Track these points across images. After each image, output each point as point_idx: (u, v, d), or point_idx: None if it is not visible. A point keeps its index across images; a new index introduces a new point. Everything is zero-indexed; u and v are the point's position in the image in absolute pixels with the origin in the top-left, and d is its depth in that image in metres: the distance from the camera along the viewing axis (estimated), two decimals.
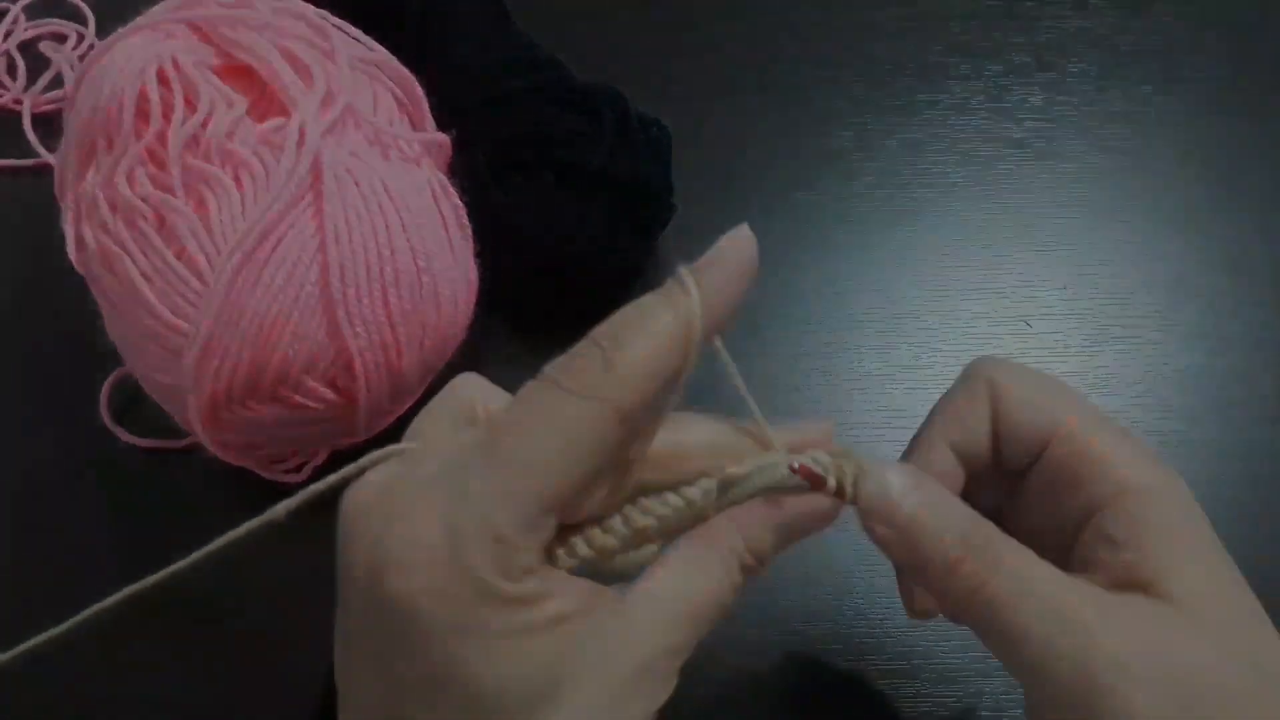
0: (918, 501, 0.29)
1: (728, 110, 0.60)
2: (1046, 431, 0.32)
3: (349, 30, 0.46)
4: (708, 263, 0.28)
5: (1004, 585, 0.28)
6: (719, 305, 0.28)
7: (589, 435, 0.25)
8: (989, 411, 0.33)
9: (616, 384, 0.26)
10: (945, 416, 0.34)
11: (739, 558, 0.29)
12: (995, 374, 0.33)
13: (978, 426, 0.33)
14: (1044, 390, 0.33)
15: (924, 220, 0.56)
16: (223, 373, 0.40)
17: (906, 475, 0.30)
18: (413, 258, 0.42)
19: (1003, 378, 0.33)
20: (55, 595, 0.46)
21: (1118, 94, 0.60)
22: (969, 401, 0.34)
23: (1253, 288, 0.54)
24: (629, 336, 0.26)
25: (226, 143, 0.41)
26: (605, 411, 0.25)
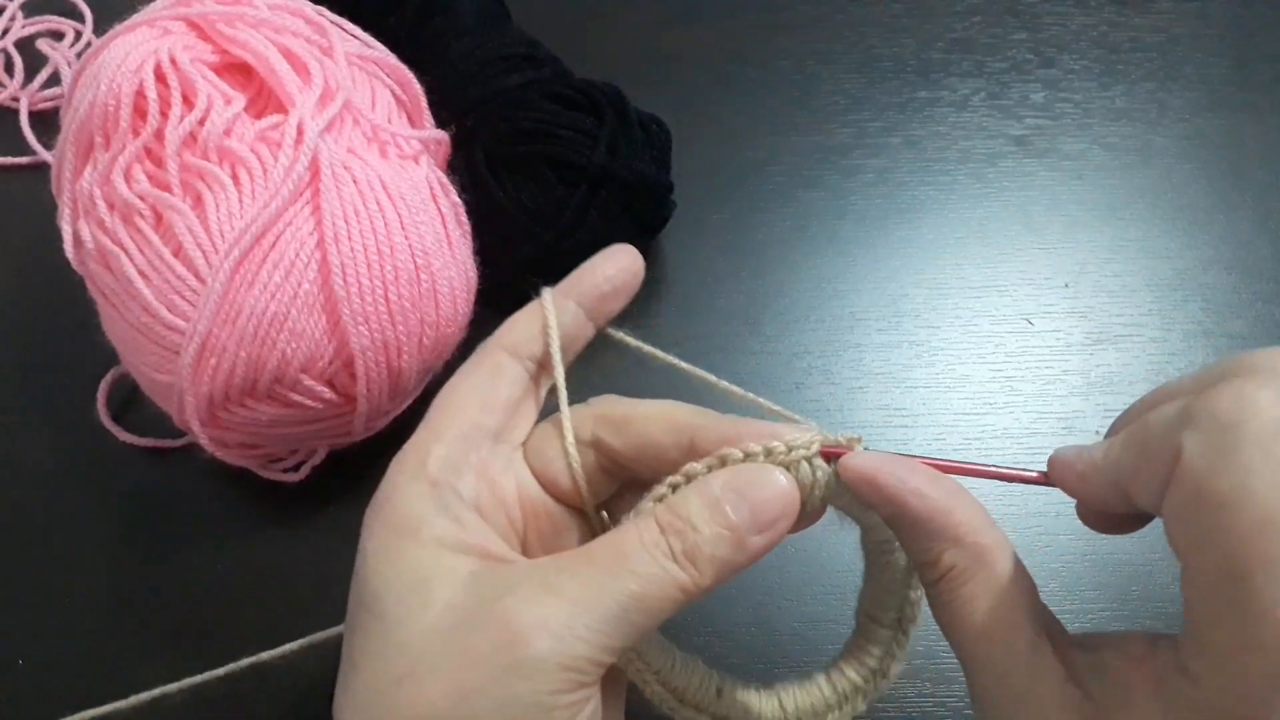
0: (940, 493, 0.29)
1: (727, 108, 0.60)
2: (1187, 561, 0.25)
3: (347, 27, 0.46)
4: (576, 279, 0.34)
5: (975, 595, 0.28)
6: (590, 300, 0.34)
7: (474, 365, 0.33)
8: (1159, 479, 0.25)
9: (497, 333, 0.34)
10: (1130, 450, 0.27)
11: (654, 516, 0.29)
12: (1190, 446, 0.24)
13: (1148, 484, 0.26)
14: (1216, 518, 0.23)
15: (925, 218, 0.56)
16: (220, 371, 0.39)
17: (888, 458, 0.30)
18: (411, 255, 0.41)
19: (1191, 456, 0.24)
20: (53, 592, 0.46)
21: (1119, 91, 0.60)
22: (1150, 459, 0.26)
23: (1255, 285, 0.54)
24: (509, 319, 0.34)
25: (224, 140, 0.40)
26: (489, 347, 0.33)
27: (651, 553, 0.28)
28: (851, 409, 0.50)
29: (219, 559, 0.46)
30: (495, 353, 0.33)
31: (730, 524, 0.29)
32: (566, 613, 0.27)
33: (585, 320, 0.34)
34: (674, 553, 0.28)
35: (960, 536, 0.29)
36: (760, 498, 0.29)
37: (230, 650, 0.44)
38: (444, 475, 0.30)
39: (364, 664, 0.28)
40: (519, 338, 0.33)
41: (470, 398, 0.32)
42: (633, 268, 0.34)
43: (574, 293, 0.34)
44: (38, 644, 0.45)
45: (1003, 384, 0.51)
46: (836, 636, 0.44)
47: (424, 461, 0.31)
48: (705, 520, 0.29)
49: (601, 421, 0.33)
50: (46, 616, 0.46)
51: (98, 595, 0.46)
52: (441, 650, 0.27)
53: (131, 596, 0.46)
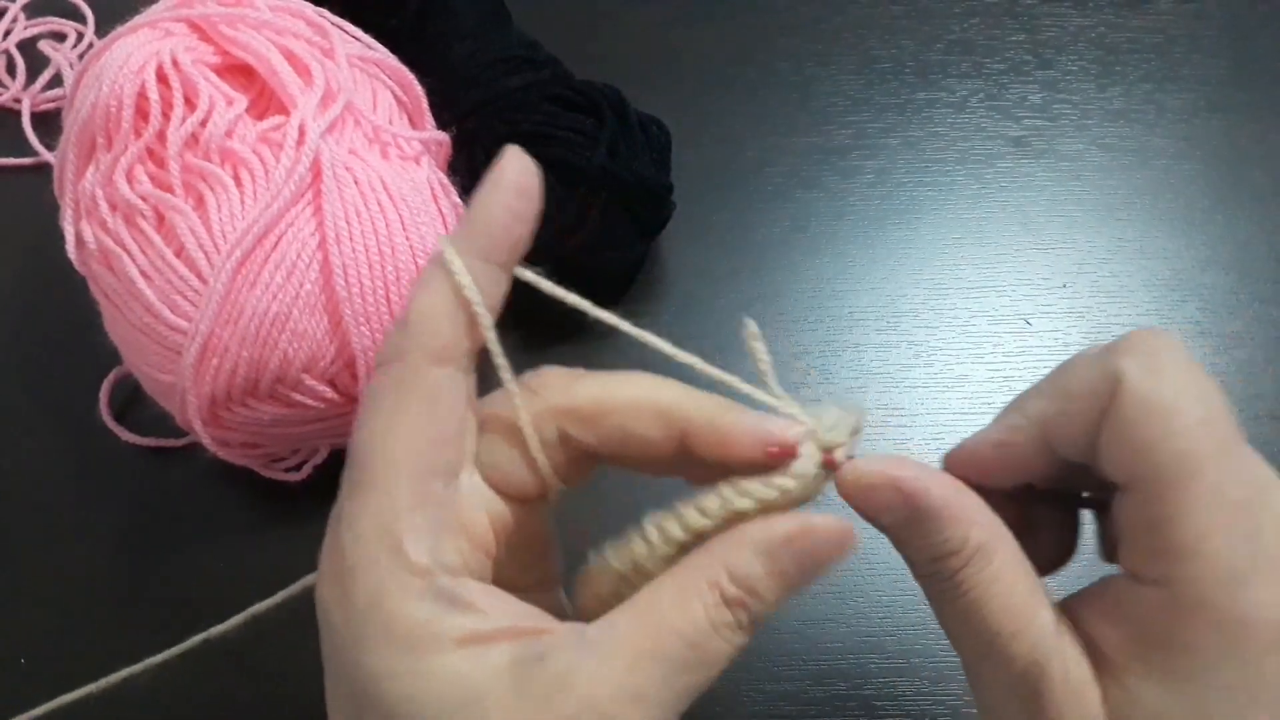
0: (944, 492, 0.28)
1: (727, 109, 0.60)
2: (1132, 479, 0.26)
3: (348, 29, 0.46)
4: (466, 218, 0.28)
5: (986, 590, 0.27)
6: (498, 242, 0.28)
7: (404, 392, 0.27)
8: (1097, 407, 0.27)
9: (412, 335, 0.27)
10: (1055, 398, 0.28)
11: (718, 587, 0.26)
12: (1129, 371, 0.26)
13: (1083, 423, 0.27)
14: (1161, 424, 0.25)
15: (923, 218, 0.56)
16: (222, 371, 0.40)
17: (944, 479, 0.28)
18: (413, 256, 0.42)
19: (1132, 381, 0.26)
20: (55, 591, 0.46)
21: (1117, 92, 0.60)
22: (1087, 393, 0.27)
23: (1252, 285, 0.54)
24: (411, 301, 0.28)
25: (226, 141, 0.41)
26: (413, 362, 0.27)
27: (721, 634, 0.26)
28: None
29: (221, 558, 0.47)
30: (423, 372, 0.27)
31: (793, 586, 0.27)
32: (657, 715, 0.25)
33: (500, 276, 0.28)
34: (741, 625, 0.26)
35: (975, 517, 0.28)
36: (824, 558, 0.27)
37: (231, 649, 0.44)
38: (430, 556, 0.26)
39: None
40: (444, 339, 0.27)
41: (417, 442, 0.26)
42: (528, 181, 0.28)
43: (478, 245, 0.28)
44: (40, 643, 0.45)
45: (1000, 384, 0.51)
46: (836, 636, 0.44)
47: (398, 545, 0.25)
48: (771, 588, 0.26)
49: (566, 416, 0.28)
50: (48, 615, 0.46)
51: (100, 594, 0.46)
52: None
53: (134, 595, 0.46)
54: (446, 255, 0.27)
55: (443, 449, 0.27)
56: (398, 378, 0.27)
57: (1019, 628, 0.27)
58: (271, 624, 0.35)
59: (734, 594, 0.26)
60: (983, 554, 0.27)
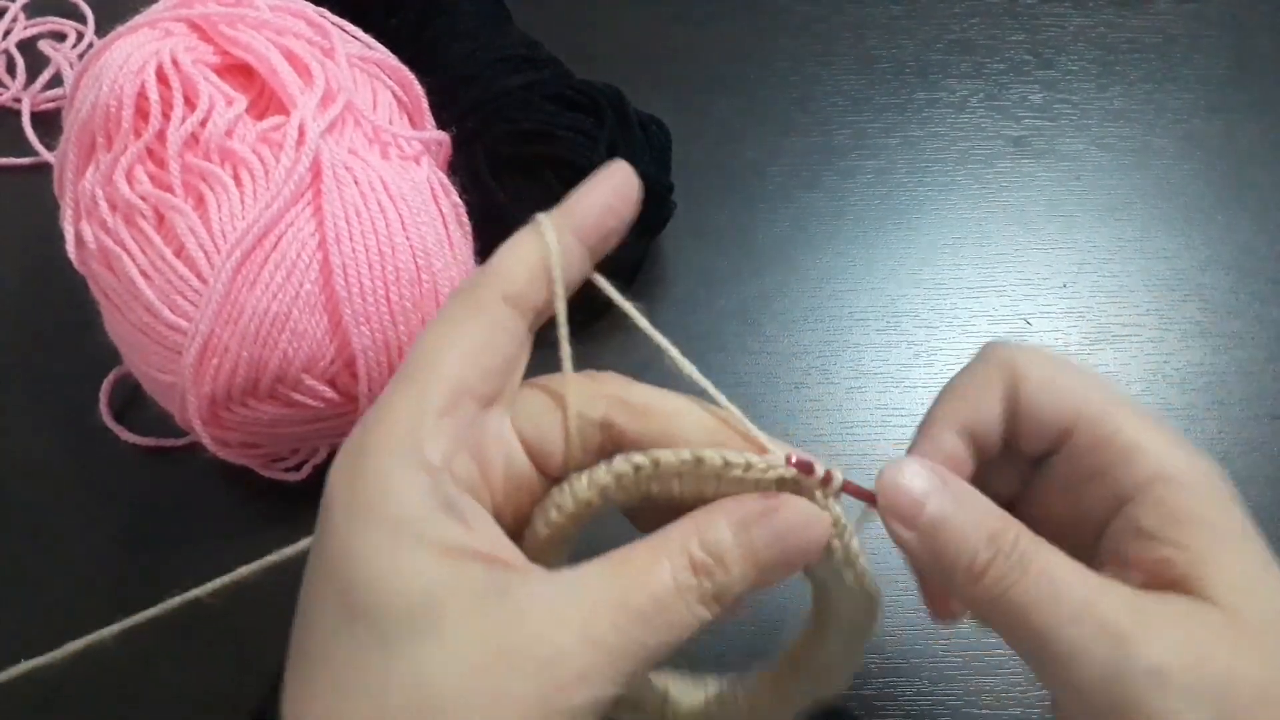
0: (941, 502, 0.28)
1: (727, 109, 0.60)
2: (1070, 417, 0.30)
3: (348, 28, 0.46)
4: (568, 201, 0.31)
5: (1033, 589, 0.27)
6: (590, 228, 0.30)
7: (471, 315, 0.29)
8: (1003, 395, 0.31)
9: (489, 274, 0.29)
10: (956, 399, 0.32)
11: (688, 552, 0.26)
12: (1013, 357, 0.31)
13: (990, 411, 0.31)
14: (1066, 374, 0.31)
15: (923, 218, 0.56)
16: (222, 371, 0.40)
17: (929, 473, 0.29)
18: (413, 256, 0.42)
19: (1022, 361, 0.31)
20: (55, 591, 0.46)
21: (1117, 91, 0.60)
22: (983, 384, 0.31)
23: (1253, 285, 0.54)
24: (497, 251, 0.30)
25: (226, 141, 0.40)
26: (487, 295, 0.29)
27: (686, 598, 0.26)
28: (850, 408, 0.50)
29: (221, 558, 0.46)
30: (495, 303, 0.29)
31: (761, 566, 0.27)
32: (606, 666, 0.25)
33: (586, 259, 0.30)
34: (705, 596, 0.26)
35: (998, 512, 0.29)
36: (796, 545, 0.28)
37: (232, 649, 0.44)
38: (443, 460, 0.27)
39: (360, 689, 0.25)
40: (520, 286, 0.29)
41: (466, 358, 0.28)
42: (629, 188, 0.31)
43: (573, 222, 0.30)
44: (40, 642, 0.45)
45: None
46: None
47: (419, 443, 0.27)
48: (738, 560, 0.27)
49: (617, 405, 0.29)
50: (48, 615, 0.46)
51: (100, 594, 0.46)
52: (473, 688, 0.24)
53: (134, 595, 0.46)
54: (541, 221, 0.30)
55: (487, 376, 0.28)
56: (468, 300, 0.29)
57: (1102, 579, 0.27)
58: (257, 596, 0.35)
59: (702, 559, 0.26)
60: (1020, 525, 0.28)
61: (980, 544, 0.28)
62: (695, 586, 0.26)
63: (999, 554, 0.27)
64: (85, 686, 0.43)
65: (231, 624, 0.41)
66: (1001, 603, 0.27)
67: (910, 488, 0.28)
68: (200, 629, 0.40)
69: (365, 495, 0.26)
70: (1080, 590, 0.27)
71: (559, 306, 0.29)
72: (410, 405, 0.27)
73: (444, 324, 0.29)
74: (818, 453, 0.32)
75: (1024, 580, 0.27)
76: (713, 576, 0.26)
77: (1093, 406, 0.30)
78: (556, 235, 0.29)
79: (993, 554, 0.28)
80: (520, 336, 0.29)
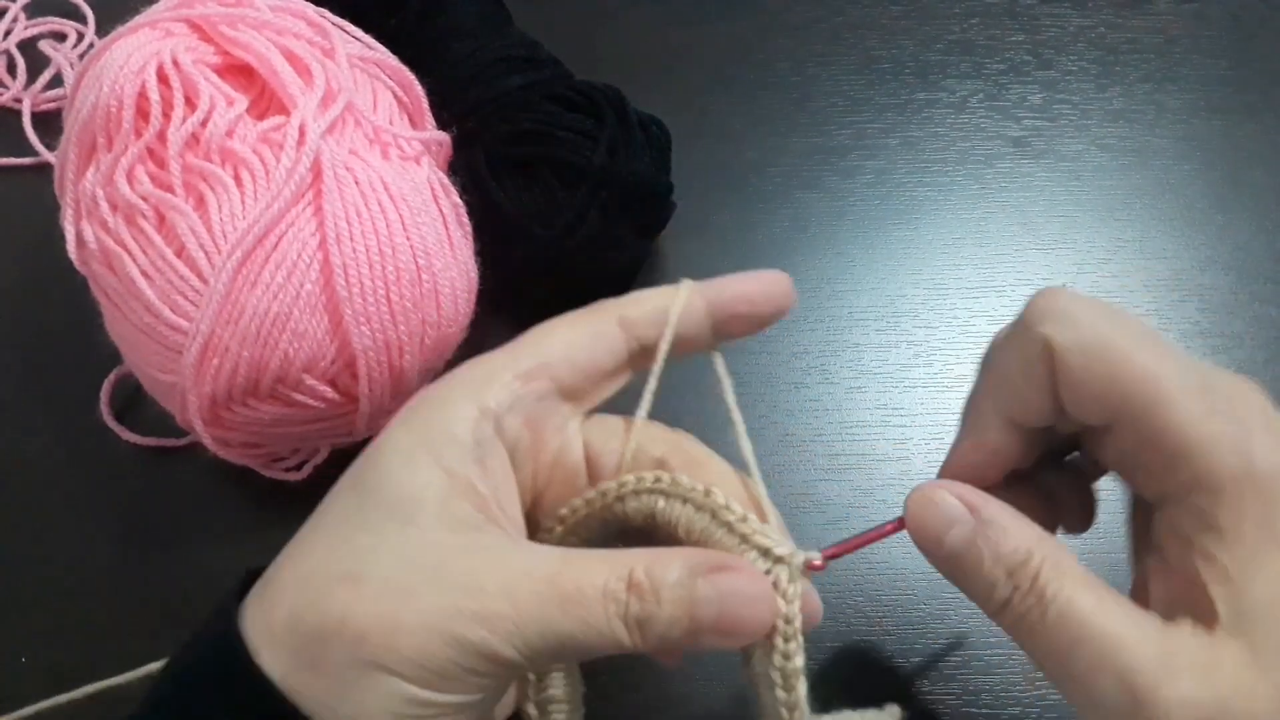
0: (961, 535, 0.29)
1: (727, 109, 0.60)
2: (1111, 411, 0.28)
3: (348, 29, 0.47)
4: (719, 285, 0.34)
5: (1051, 634, 0.27)
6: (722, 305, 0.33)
7: (583, 318, 0.32)
8: (1047, 379, 0.29)
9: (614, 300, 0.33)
10: (1000, 385, 0.31)
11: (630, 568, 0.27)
12: (1053, 333, 0.29)
13: (1036, 401, 0.30)
14: (1107, 359, 0.28)
15: (923, 219, 0.56)
16: (222, 371, 0.40)
17: (953, 503, 0.29)
18: (413, 256, 0.42)
19: (1060, 338, 0.29)
20: (55, 590, 0.46)
21: (1117, 92, 0.60)
22: (1024, 369, 0.30)
23: (1252, 285, 0.54)
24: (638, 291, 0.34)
25: (226, 141, 0.41)
26: (605, 311, 0.32)
27: (605, 605, 0.27)
28: (850, 408, 0.50)
29: (222, 558, 0.47)
30: (607, 318, 0.32)
31: (695, 620, 0.28)
32: (512, 621, 0.27)
33: (708, 328, 0.33)
34: (627, 614, 0.27)
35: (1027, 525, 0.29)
36: (735, 614, 0.28)
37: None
38: (497, 408, 0.30)
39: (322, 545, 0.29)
40: (638, 314, 0.32)
41: (561, 347, 0.31)
42: (779, 297, 0.33)
43: (711, 295, 0.33)
44: (40, 642, 0.45)
45: None
46: (835, 635, 0.44)
47: (489, 385, 0.30)
48: (673, 601, 0.27)
49: (677, 450, 0.32)
50: (49, 615, 0.46)
51: (100, 594, 0.46)
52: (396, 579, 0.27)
53: (134, 595, 0.46)
54: (684, 282, 0.33)
55: (575, 370, 0.32)
56: (590, 310, 0.33)
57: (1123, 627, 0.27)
58: None
59: (639, 579, 0.27)
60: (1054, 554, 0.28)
61: (999, 579, 0.28)
62: (621, 601, 0.27)
63: (1016, 591, 0.28)
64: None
65: None
66: (1023, 640, 0.28)
67: (931, 518, 0.29)
68: None
69: (423, 408, 0.31)
70: (1100, 636, 0.27)
71: (662, 348, 0.32)
72: (500, 361, 0.31)
73: (562, 320, 0.33)
74: (817, 452, 0.33)
75: (1043, 623, 0.27)
76: (642, 601, 0.27)
77: (1136, 404, 0.28)
78: (689, 296, 0.33)
79: (1010, 591, 0.28)
80: (619, 355, 0.32)
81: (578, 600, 0.27)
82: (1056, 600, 0.27)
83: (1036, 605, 0.27)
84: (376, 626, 0.27)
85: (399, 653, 0.26)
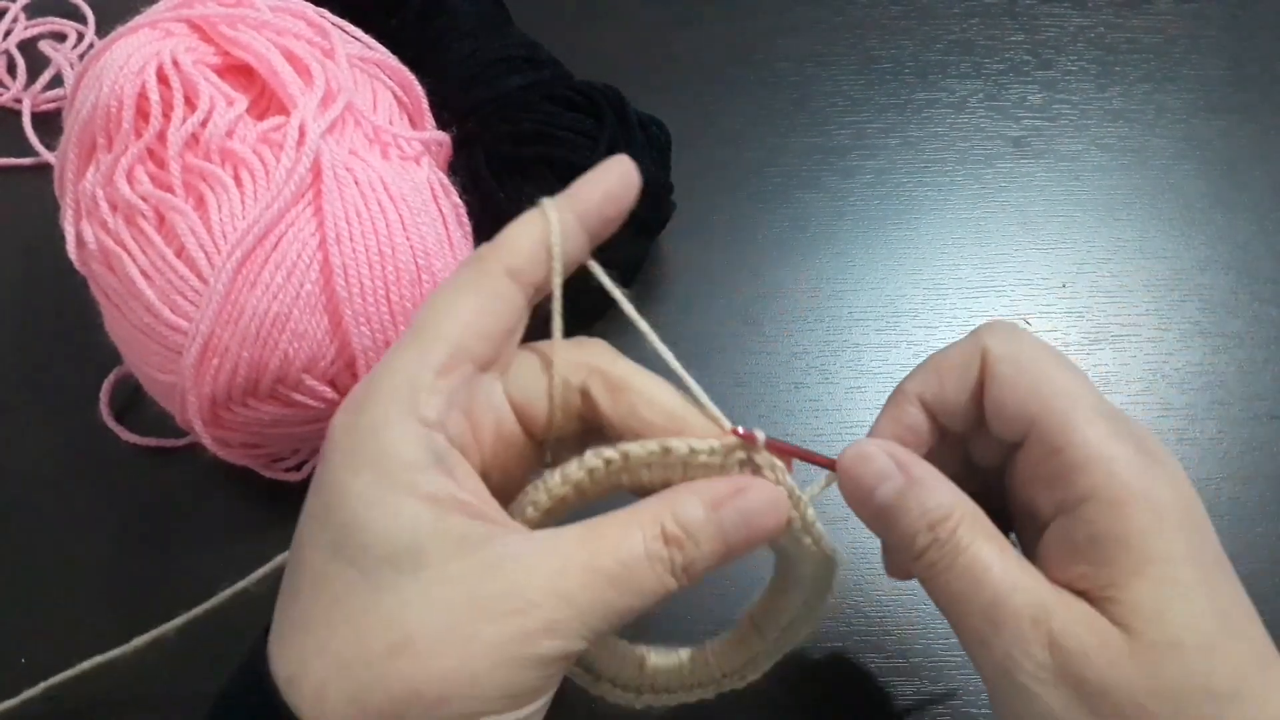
0: (891, 488, 0.31)
1: (727, 109, 0.60)
2: (1026, 421, 0.31)
3: (348, 29, 0.47)
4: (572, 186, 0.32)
5: (956, 581, 0.30)
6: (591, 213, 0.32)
7: (475, 284, 0.31)
8: (975, 380, 0.32)
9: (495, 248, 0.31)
10: (929, 373, 0.34)
11: (660, 523, 0.28)
12: (993, 344, 0.32)
13: (957, 394, 0.33)
14: (1036, 374, 0.31)
15: (922, 218, 0.56)
16: (222, 371, 0.40)
17: (884, 458, 0.31)
18: (413, 256, 0.42)
19: (997, 353, 0.32)
20: (55, 591, 0.46)
21: (1116, 92, 0.60)
22: (960, 365, 0.33)
23: (1252, 285, 0.54)
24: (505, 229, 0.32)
25: (226, 141, 0.41)
26: (491, 266, 0.31)
27: (656, 568, 0.28)
28: (850, 408, 0.50)
29: (222, 558, 0.46)
30: (499, 275, 0.31)
31: (729, 545, 0.29)
32: (574, 620, 0.27)
33: (585, 241, 0.32)
34: (674, 567, 0.28)
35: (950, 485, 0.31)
36: (761, 525, 0.30)
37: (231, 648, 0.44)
38: (437, 415, 0.29)
39: (343, 623, 0.27)
40: (522, 261, 0.31)
41: (469, 323, 0.30)
42: (630, 180, 0.33)
43: (579, 208, 0.32)
44: (39, 642, 0.45)
45: None
46: (835, 635, 0.44)
47: (417, 398, 0.28)
48: (708, 537, 0.29)
49: (597, 376, 0.31)
50: (48, 615, 0.46)
51: (100, 594, 0.46)
52: (447, 629, 0.26)
53: (134, 596, 0.46)
54: (546, 203, 0.31)
55: (485, 342, 0.30)
56: (473, 270, 0.31)
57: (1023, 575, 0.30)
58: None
59: (674, 531, 0.28)
60: (971, 511, 0.31)
61: (920, 529, 0.30)
62: (665, 557, 0.28)
63: (934, 541, 0.30)
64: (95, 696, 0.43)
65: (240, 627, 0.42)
66: (931, 584, 0.31)
67: (865, 472, 0.32)
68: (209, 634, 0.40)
69: (363, 444, 0.28)
70: (996, 588, 0.29)
71: (556, 282, 0.31)
72: (411, 363, 0.29)
73: (449, 290, 0.31)
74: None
75: (951, 570, 0.30)
76: (683, 549, 0.28)
77: (1052, 416, 0.30)
78: (559, 217, 0.31)
79: (929, 541, 0.30)
80: (519, 308, 0.31)
81: (626, 575, 0.28)
82: (968, 550, 0.30)
83: (950, 553, 0.30)
84: (453, 682, 0.26)
85: (482, 696, 0.26)
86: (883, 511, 0.31)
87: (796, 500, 0.31)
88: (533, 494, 0.31)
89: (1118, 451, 0.29)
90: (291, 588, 0.29)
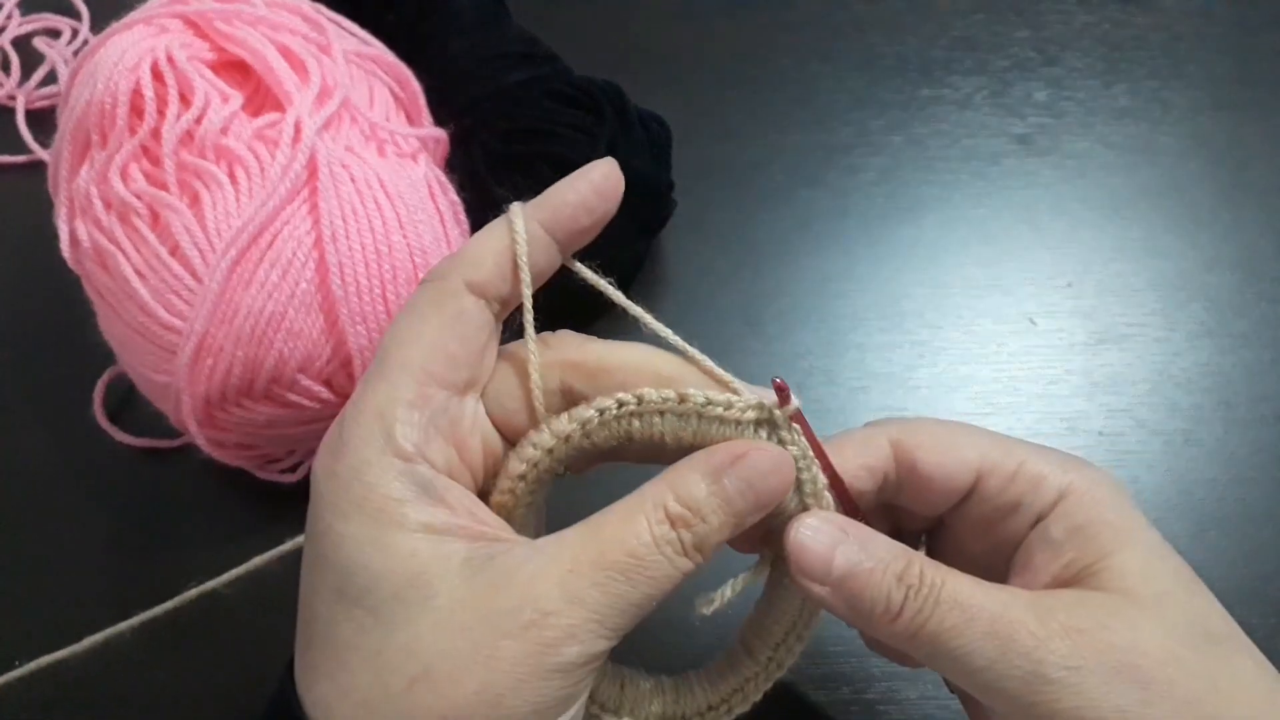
0: (847, 552, 0.30)
1: (728, 106, 0.60)
2: (973, 469, 0.32)
3: (345, 24, 0.46)
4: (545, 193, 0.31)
5: (947, 618, 0.29)
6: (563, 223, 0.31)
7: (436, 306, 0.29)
8: (887, 460, 0.33)
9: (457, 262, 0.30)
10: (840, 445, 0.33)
11: (664, 506, 0.28)
12: (899, 433, 0.33)
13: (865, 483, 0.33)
14: (957, 434, 0.33)
15: (927, 217, 0.56)
16: (217, 371, 0.39)
17: (830, 525, 0.30)
18: (409, 254, 0.41)
19: (911, 432, 0.32)
20: (48, 591, 0.46)
21: (1122, 89, 0.60)
22: (867, 447, 0.33)
23: (1258, 284, 0.53)
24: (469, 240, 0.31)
25: (221, 138, 0.40)
26: (452, 284, 0.30)
27: (665, 552, 0.28)
28: (853, 409, 0.50)
29: (215, 560, 0.46)
30: (459, 293, 0.30)
31: (738, 514, 0.29)
32: (592, 622, 0.27)
33: (555, 251, 0.31)
34: (685, 547, 0.28)
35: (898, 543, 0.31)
36: (767, 489, 0.29)
37: (229, 649, 0.44)
38: (415, 446, 0.28)
39: (361, 664, 0.27)
40: (486, 274, 0.30)
41: (431, 350, 0.29)
42: (610, 186, 0.31)
43: (544, 216, 0.30)
44: (33, 643, 0.45)
45: (1005, 384, 0.50)
46: (839, 639, 0.44)
47: (390, 430, 0.28)
48: (714, 510, 0.28)
49: (571, 370, 0.31)
50: (42, 616, 0.46)
51: (93, 595, 0.46)
52: (464, 653, 0.26)
53: (128, 596, 0.46)
54: (513, 211, 0.30)
55: (454, 365, 0.29)
56: (433, 291, 0.30)
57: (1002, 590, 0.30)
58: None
59: (678, 512, 0.28)
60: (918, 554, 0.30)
61: (891, 585, 0.29)
62: (674, 539, 0.28)
63: (909, 591, 0.29)
64: (96, 682, 0.43)
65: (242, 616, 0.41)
66: (921, 635, 0.29)
67: (815, 543, 0.30)
68: (211, 622, 0.40)
69: (347, 489, 0.28)
70: (988, 607, 0.29)
71: (526, 293, 0.30)
72: (380, 399, 0.29)
73: (409, 316, 0.30)
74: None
75: (937, 609, 0.29)
76: (691, 528, 0.28)
77: (994, 453, 0.32)
78: (525, 226, 0.30)
79: (904, 593, 0.29)
80: (486, 325, 0.30)
81: (636, 566, 0.27)
82: (945, 585, 0.29)
83: (929, 596, 0.29)
84: (477, 705, 0.26)
85: (510, 714, 0.26)
86: (848, 578, 0.30)
87: (808, 462, 0.31)
88: (534, 436, 0.31)
89: (1066, 460, 0.32)
90: (305, 637, 0.29)
